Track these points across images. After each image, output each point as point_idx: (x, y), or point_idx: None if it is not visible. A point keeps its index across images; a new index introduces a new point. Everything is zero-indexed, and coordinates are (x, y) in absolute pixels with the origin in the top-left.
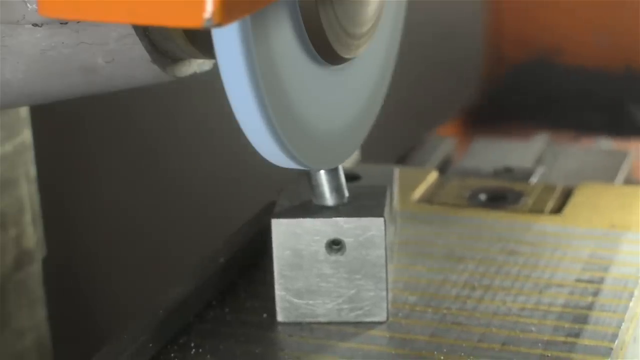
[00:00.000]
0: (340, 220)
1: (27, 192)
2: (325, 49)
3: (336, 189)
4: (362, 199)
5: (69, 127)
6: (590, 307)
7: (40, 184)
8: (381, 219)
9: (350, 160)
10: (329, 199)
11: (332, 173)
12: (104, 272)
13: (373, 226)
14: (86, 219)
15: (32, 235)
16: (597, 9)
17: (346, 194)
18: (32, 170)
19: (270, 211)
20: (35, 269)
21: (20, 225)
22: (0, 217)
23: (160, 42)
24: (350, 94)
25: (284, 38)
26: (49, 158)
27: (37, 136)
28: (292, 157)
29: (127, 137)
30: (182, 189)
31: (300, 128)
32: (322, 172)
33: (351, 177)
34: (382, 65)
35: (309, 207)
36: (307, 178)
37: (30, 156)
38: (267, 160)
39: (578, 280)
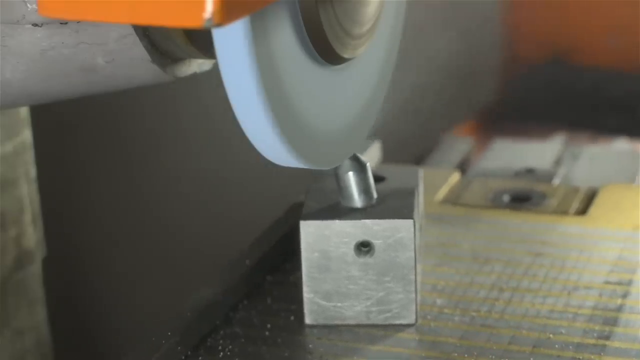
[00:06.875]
0: (369, 222)
1: (27, 192)
2: (325, 49)
3: (365, 190)
4: (390, 201)
5: (69, 127)
6: (619, 309)
7: (40, 184)
8: (411, 221)
9: (373, 162)
10: (357, 200)
11: (361, 175)
12: (104, 272)
13: (402, 228)
14: (86, 219)
15: (32, 235)
16: (612, 9)
17: (375, 195)
18: (32, 170)
19: (294, 212)
20: (35, 269)
21: (20, 225)
22: (0, 217)
23: (160, 42)
24: (350, 94)
25: (284, 38)
26: (49, 158)
27: (37, 136)
28: (292, 156)
29: (128, 137)
30: (182, 189)
31: (300, 127)
32: (350, 173)
33: (376, 179)
34: (382, 65)
35: (338, 209)
36: (335, 179)
37: (30, 156)
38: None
39: (606, 282)
